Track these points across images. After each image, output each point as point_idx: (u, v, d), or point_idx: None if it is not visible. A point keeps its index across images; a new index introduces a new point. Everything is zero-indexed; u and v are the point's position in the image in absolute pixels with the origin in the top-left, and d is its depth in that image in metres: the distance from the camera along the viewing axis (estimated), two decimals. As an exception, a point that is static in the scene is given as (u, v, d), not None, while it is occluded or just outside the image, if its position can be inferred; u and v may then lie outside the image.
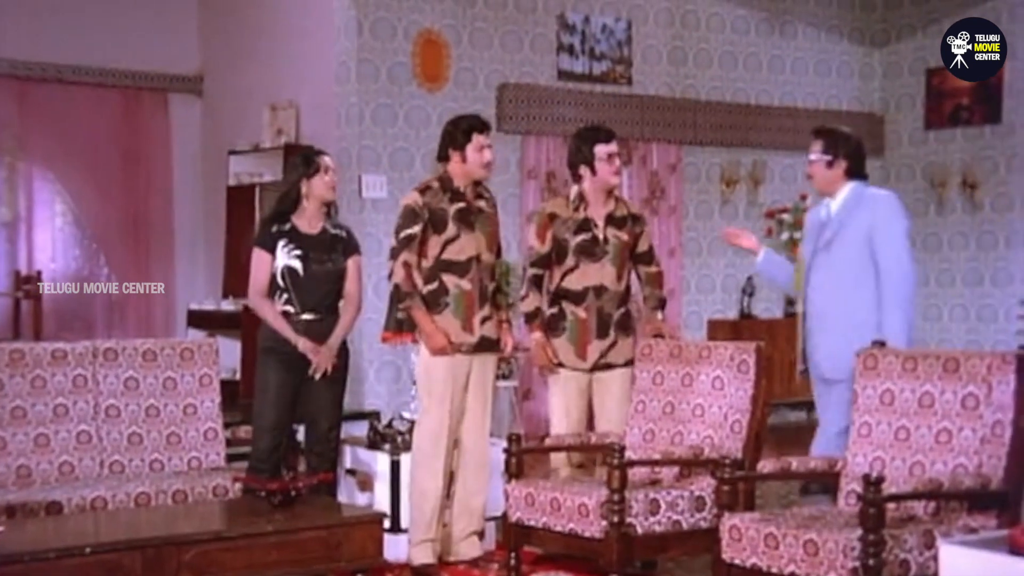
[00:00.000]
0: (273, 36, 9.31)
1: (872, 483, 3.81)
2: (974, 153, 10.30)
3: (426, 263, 5.29)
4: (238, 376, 8.52)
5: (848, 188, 5.11)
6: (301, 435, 5.40)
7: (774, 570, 4.08)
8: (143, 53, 9.83)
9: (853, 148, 5.16)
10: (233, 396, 7.78)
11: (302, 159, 5.35)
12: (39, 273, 9.29)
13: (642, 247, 5.60)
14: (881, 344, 4.60)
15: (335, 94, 8.56)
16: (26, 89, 9.55)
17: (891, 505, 3.90)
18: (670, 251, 9.68)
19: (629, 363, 5.50)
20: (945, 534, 3.95)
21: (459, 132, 5.33)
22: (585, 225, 5.47)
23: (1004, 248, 10.17)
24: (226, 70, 9.88)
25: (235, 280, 9.19)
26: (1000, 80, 9.97)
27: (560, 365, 5.45)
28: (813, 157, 5.18)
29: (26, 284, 9.12)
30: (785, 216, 9.81)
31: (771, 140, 9.87)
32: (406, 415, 5.89)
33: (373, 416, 6.52)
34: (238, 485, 4.92)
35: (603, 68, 9.48)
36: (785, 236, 9.75)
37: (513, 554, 5.04)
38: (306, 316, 5.22)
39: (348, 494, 5.80)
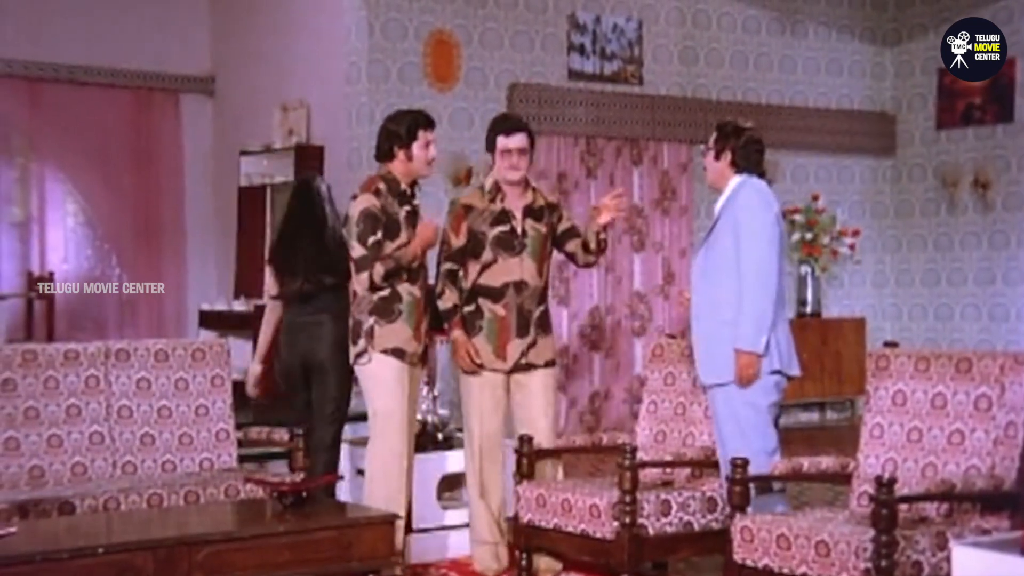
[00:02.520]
0: (284, 36, 9.32)
1: (884, 484, 3.80)
2: (986, 152, 10.26)
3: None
4: (249, 376, 8.52)
5: (734, 182, 4.89)
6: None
7: (785, 571, 4.08)
8: (155, 53, 9.85)
9: (743, 142, 4.89)
10: (244, 397, 7.78)
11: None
12: (51, 273, 9.31)
13: (565, 226, 5.38)
14: (893, 344, 4.58)
15: (346, 94, 8.57)
16: (38, 89, 9.57)
17: (903, 506, 3.89)
18: (681, 251, 9.67)
19: (549, 364, 5.35)
20: (957, 535, 3.94)
21: (403, 129, 5.17)
22: (503, 217, 5.25)
23: (1016, 247, 10.13)
24: (237, 70, 9.90)
25: (246, 280, 9.22)
26: (1012, 79, 9.94)
27: (479, 366, 5.25)
28: (703, 148, 5.03)
29: (38, 284, 9.15)
30: (797, 216, 9.79)
31: (782, 140, 9.84)
32: (419, 416, 5.89)
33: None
34: (250, 485, 4.93)
35: (614, 68, 9.48)
36: (796, 237, 9.74)
37: (524, 555, 5.04)
38: None
39: (359, 495, 5.80)
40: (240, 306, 8.98)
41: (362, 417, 6.28)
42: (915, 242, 10.70)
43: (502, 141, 5.25)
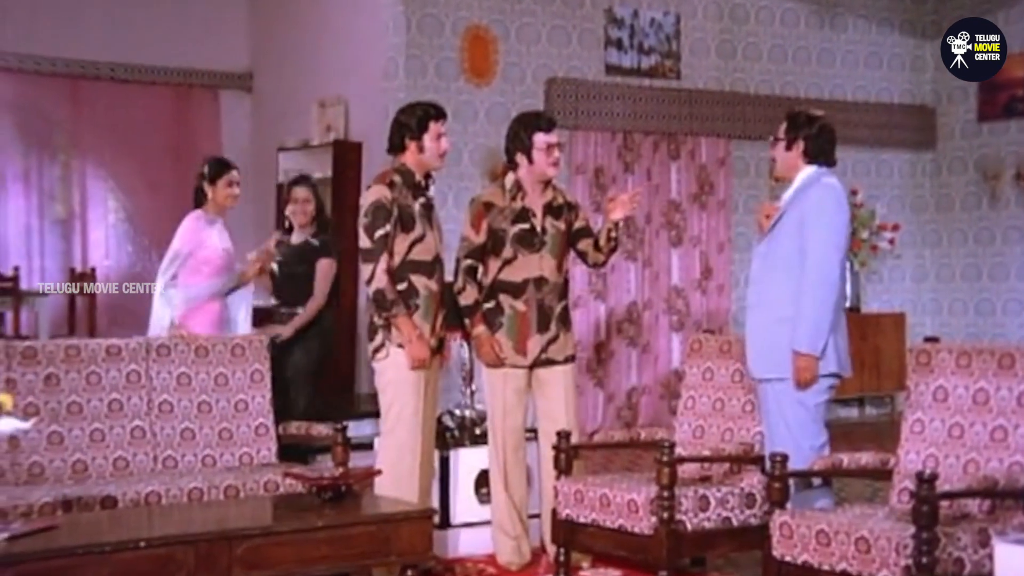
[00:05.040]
0: (322, 33, 9.36)
1: (925, 480, 3.77)
2: (1029, 146, 10.15)
3: (392, 262, 5.05)
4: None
5: (805, 173, 4.80)
6: (353, 430, 5.40)
7: (825, 567, 4.05)
8: (194, 51, 9.93)
9: (815, 131, 4.81)
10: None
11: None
12: (93, 270, 9.40)
13: (579, 225, 5.40)
14: (934, 339, 4.54)
15: (383, 90, 8.59)
16: (79, 87, 9.67)
17: (944, 503, 3.86)
18: (719, 245, 9.63)
19: (569, 359, 5.36)
20: (1000, 532, 3.90)
21: (414, 120, 5.13)
22: (523, 215, 5.27)
23: (1059, 241, 10.03)
24: (275, 67, 9.95)
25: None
26: (1056, 71, 9.83)
27: (503, 360, 5.25)
28: (772, 139, 4.91)
29: (81, 280, 9.24)
30: (835, 210, 9.71)
31: (821, 133, 9.77)
32: (455, 411, 5.90)
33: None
34: (289, 480, 4.95)
35: (651, 62, 9.45)
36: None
37: (562, 550, 5.04)
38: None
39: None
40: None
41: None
42: (956, 236, 10.60)
43: (543, 138, 5.27)
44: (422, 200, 5.14)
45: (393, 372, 5.09)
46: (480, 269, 5.30)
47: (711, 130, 9.58)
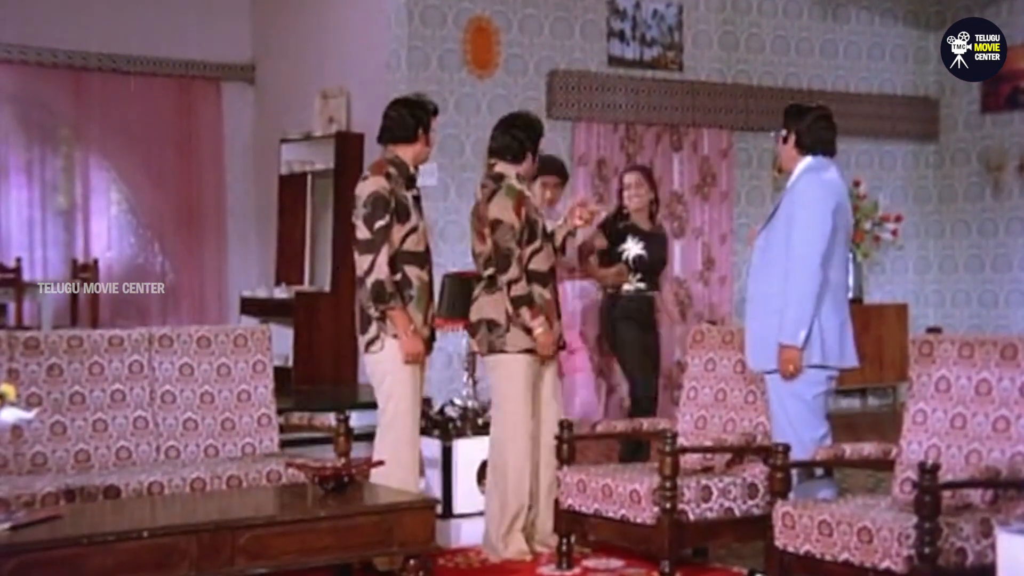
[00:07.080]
0: (324, 24, 9.35)
1: (927, 471, 3.77)
2: (1032, 136, 10.14)
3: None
4: (290, 363, 8.58)
5: (802, 164, 4.83)
6: (355, 420, 5.41)
7: (827, 558, 4.06)
8: (196, 42, 9.92)
9: (808, 122, 4.82)
10: (286, 382, 7.84)
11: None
12: (95, 261, 9.41)
13: None
14: (937, 330, 4.54)
15: (386, 81, 8.58)
16: (81, 79, 9.66)
17: (947, 493, 3.86)
18: (721, 237, 9.63)
19: (563, 347, 5.53)
20: (1003, 523, 3.90)
21: (426, 114, 5.17)
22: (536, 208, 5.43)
23: (1062, 233, 10.02)
24: (278, 58, 9.94)
25: (287, 268, 9.27)
26: (1059, 62, 9.81)
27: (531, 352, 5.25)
28: (774, 135, 4.97)
29: (83, 272, 9.25)
30: (838, 202, 9.71)
31: (824, 125, 9.75)
32: (457, 401, 5.91)
33: (424, 403, 6.51)
34: (291, 470, 4.96)
35: (654, 54, 9.43)
36: (838, 222, 9.65)
37: (564, 540, 5.05)
38: None
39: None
40: (281, 293, 9.04)
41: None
42: (959, 227, 10.59)
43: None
44: (414, 192, 5.17)
45: (390, 363, 5.08)
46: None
47: (713, 122, 9.57)
